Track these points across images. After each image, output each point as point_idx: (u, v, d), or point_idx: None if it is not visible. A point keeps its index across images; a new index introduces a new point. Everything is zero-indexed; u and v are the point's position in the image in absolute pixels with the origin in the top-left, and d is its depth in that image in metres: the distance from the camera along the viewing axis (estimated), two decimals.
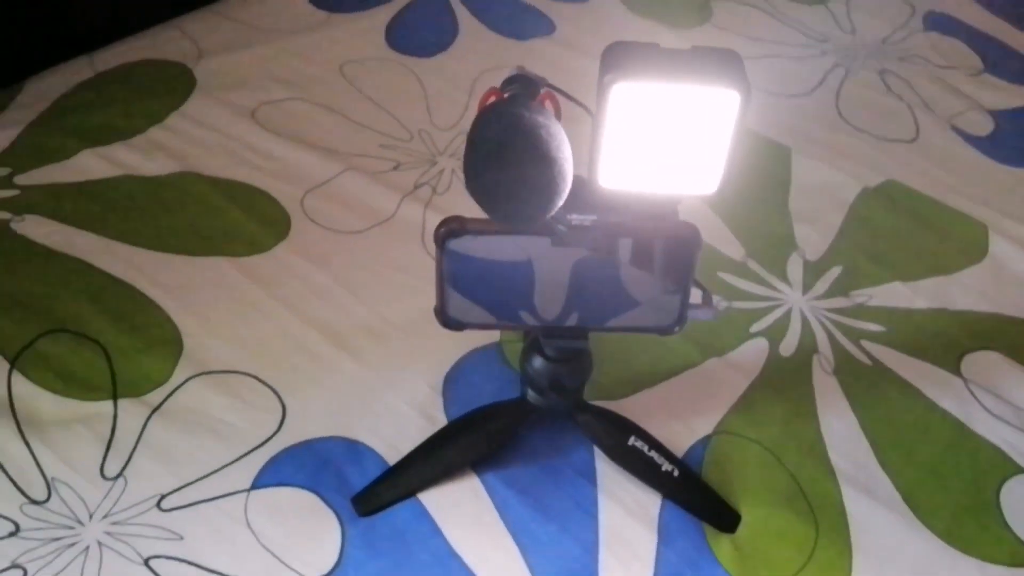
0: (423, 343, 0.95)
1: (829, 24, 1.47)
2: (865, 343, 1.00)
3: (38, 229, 1.01)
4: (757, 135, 1.24)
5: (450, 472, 0.85)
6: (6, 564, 0.76)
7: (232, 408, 0.88)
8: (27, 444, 0.83)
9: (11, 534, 0.77)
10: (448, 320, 0.76)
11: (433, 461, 0.86)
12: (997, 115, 1.32)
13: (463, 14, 1.40)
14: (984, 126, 1.30)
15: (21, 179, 1.06)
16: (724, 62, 0.62)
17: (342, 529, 0.81)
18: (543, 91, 0.63)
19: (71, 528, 0.78)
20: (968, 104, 1.33)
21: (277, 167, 1.12)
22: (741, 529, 0.84)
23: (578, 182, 0.65)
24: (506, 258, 0.73)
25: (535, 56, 1.32)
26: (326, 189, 1.10)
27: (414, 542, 0.81)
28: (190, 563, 0.77)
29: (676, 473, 0.86)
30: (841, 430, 0.92)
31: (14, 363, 0.89)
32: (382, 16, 1.37)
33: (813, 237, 1.11)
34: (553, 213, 0.60)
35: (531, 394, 0.84)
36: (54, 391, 0.87)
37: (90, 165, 1.09)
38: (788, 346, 0.99)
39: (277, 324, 0.96)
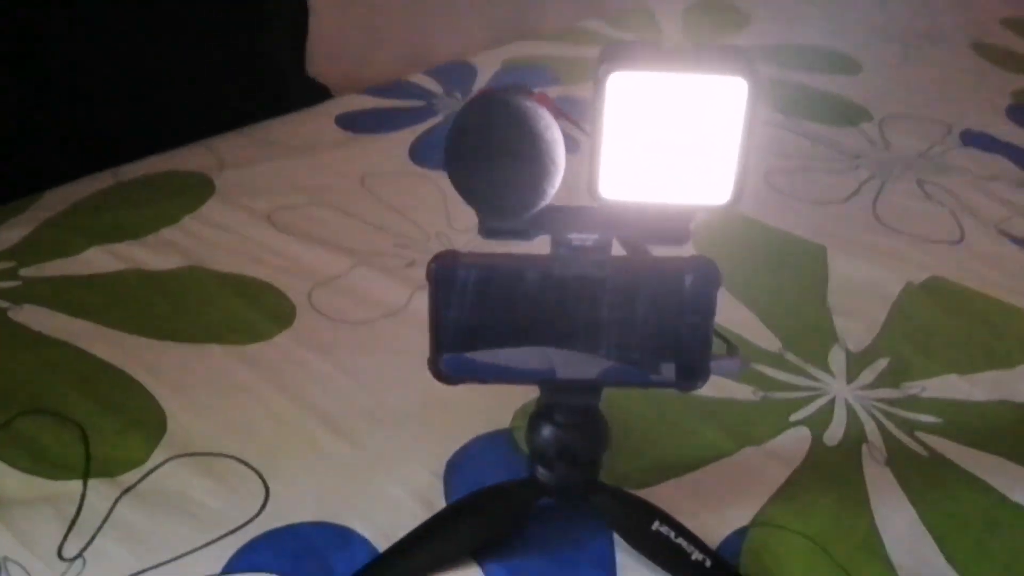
0: (427, 429, 0.87)
1: (862, 142, 1.44)
2: (920, 434, 0.89)
3: (35, 317, 0.97)
4: (788, 235, 1.19)
5: (448, 561, 0.75)
6: None
7: (210, 490, 0.80)
8: None
9: None
10: (442, 372, 0.69)
11: (429, 548, 0.76)
12: None
13: None
14: None
15: (26, 272, 1.04)
16: (729, 54, 0.58)
17: None
18: (537, 92, 0.59)
19: None
20: (1014, 210, 1.27)
21: (287, 263, 1.08)
22: None
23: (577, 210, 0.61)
24: (505, 296, 0.66)
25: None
26: (336, 283, 1.06)
27: None
28: None
29: (708, 564, 0.74)
30: (899, 523, 0.80)
31: None
32: (407, 136, 1.38)
33: (856, 330, 1.03)
34: (545, 202, 0.55)
35: (540, 471, 0.75)
36: (23, 469, 0.80)
37: (97, 260, 1.06)
38: (833, 436, 0.88)
39: (270, 409, 0.89)
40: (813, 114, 1.52)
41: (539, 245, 0.64)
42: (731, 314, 1.04)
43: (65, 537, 0.75)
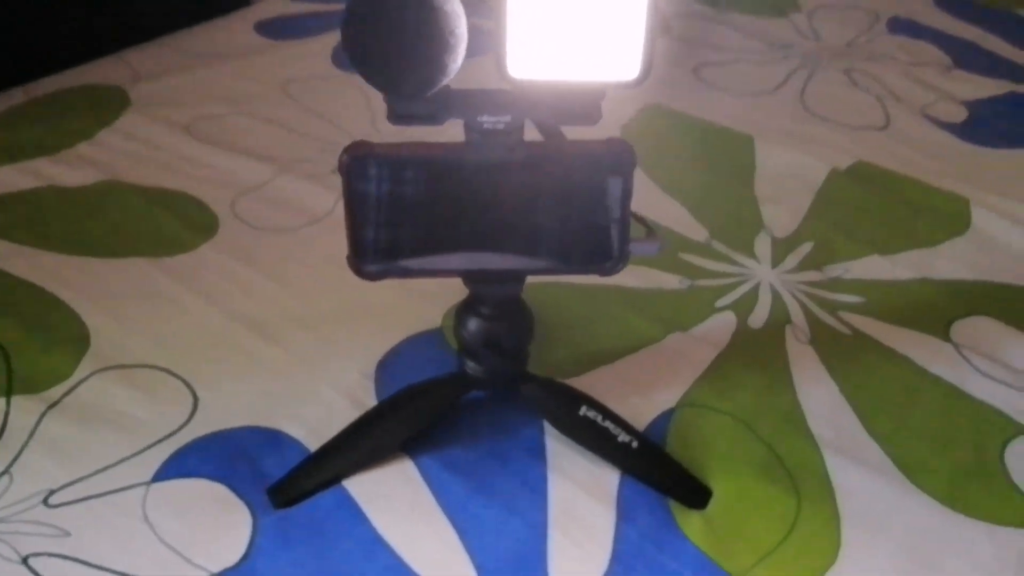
0: (357, 331, 0.86)
1: (791, 33, 1.43)
2: (843, 314, 0.91)
3: None
4: (715, 126, 1.19)
5: (379, 455, 0.75)
6: None
7: (137, 401, 0.79)
8: None
9: None
10: (362, 268, 0.68)
11: (359, 444, 0.76)
12: (971, 104, 1.27)
13: None
14: (958, 115, 1.25)
15: None
16: None
17: (253, 520, 0.71)
18: None
19: None
20: (940, 95, 1.28)
21: (209, 174, 1.06)
22: (712, 504, 0.73)
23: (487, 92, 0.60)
24: (420, 187, 0.65)
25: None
26: (260, 192, 1.04)
27: (335, 531, 0.70)
28: (75, 559, 0.67)
29: (635, 444, 0.76)
30: (821, 398, 0.82)
31: None
32: (329, 40, 1.34)
33: (781, 216, 1.04)
34: (448, 78, 0.54)
35: (469, 364, 0.76)
36: None
37: (11, 178, 1.03)
38: (758, 319, 0.90)
39: (196, 319, 0.88)
40: (743, 6, 1.50)
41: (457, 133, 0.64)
42: (660, 207, 1.05)
43: None
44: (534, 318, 0.74)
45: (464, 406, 0.79)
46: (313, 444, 0.77)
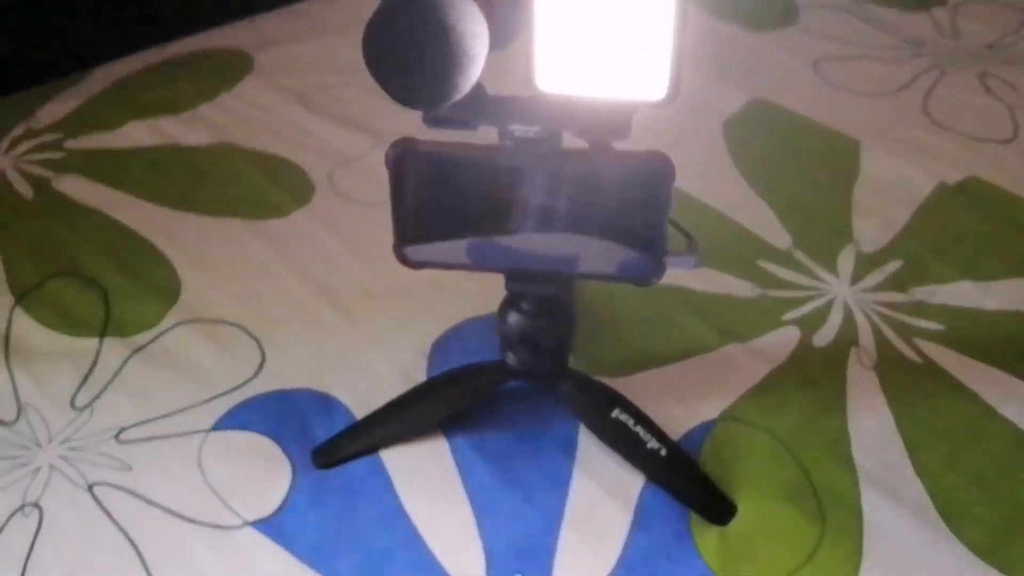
0: (421, 310, 0.90)
1: (928, 30, 1.35)
2: (919, 341, 0.87)
3: (74, 186, 1.04)
4: (823, 127, 1.14)
5: (417, 431, 0.79)
6: None
7: (212, 354, 0.86)
8: (10, 371, 0.84)
9: None
10: (406, 256, 0.71)
11: (400, 417, 0.80)
12: None
13: None
14: None
15: (70, 144, 1.10)
16: None
17: (292, 477, 0.76)
18: None
19: (28, 449, 0.77)
20: None
21: (313, 142, 1.11)
22: (734, 522, 0.73)
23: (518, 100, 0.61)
24: (462, 184, 0.68)
25: None
26: (356, 164, 1.08)
27: (364, 497, 0.75)
28: (130, 492, 0.74)
29: (663, 452, 0.76)
30: (872, 427, 0.80)
31: (20, 300, 0.91)
32: None
33: (873, 230, 0.99)
34: (459, 95, 0.55)
35: (509, 355, 0.78)
36: (48, 326, 0.88)
37: (136, 134, 1.12)
38: (823, 337, 0.88)
39: (276, 282, 0.94)
40: None
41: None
42: (746, 208, 1.03)
43: (78, 389, 0.83)
44: (575, 318, 0.76)
45: (507, 393, 0.81)
46: (360, 412, 0.81)
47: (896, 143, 1.11)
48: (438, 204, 0.69)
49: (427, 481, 0.76)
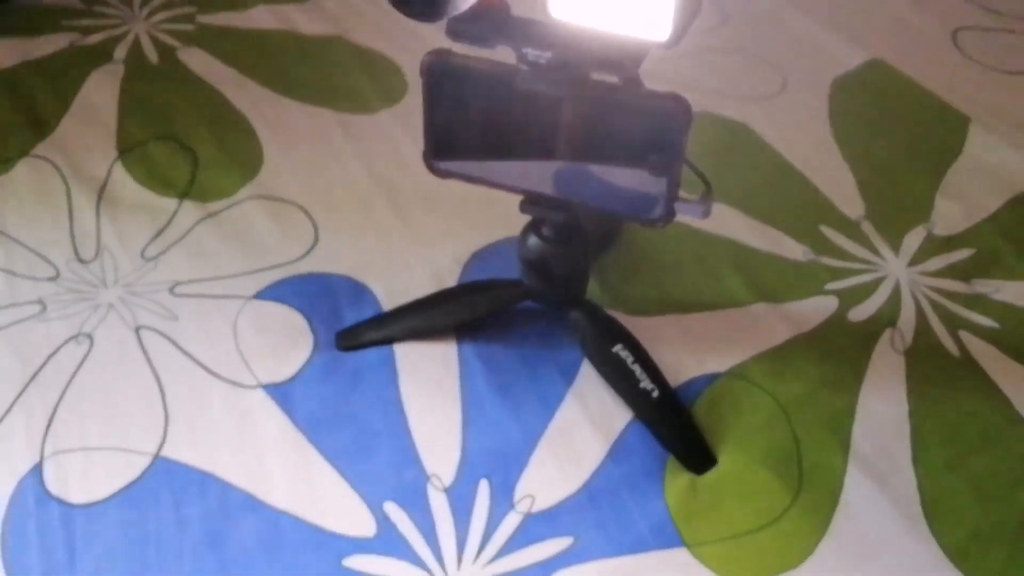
0: (468, 221, 0.93)
1: None
2: (965, 334, 0.83)
3: (195, 59, 1.13)
4: (934, 98, 1.07)
5: (432, 331, 0.83)
6: (33, 298, 0.86)
7: (271, 230, 0.93)
8: (98, 216, 0.94)
9: (51, 278, 0.88)
10: (432, 164, 0.75)
11: (419, 316, 0.85)
12: None
13: None
14: None
15: (201, 18, 1.19)
16: None
17: (311, 353, 0.82)
18: None
19: (95, 287, 0.87)
20: None
21: (418, 45, 1.15)
22: (709, 473, 0.74)
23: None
24: (484, 100, 0.70)
25: None
26: None
27: (368, 382, 0.80)
28: (170, 340, 0.83)
29: (656, 395, 0.77)
30: (882, 412, 0.78)
31: (122, 154, 1.00)
32: None
33: (955, 214, 0.94)
34: (457, 10, 0.57)
35: (527, 277, 0.80)
36: (139, 182, 0.97)
37: (261, 18, 1.19)
38: (862, 312, 0.85)
39: (347, 174, 0.99)
40: None
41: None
42: (828, 172, 0.99)
43: (150, 242, 0.91)
44: (589, 252, 0.77)
45: (523, 313, 0.84)
46: (388, 306, 0.86)
47: (1014, 126, 1.04)
48: (464, 119, 0.71)
49: (428, 379, 0.80)
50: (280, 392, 0.79)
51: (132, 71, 1.11)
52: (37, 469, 0.73)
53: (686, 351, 0.82)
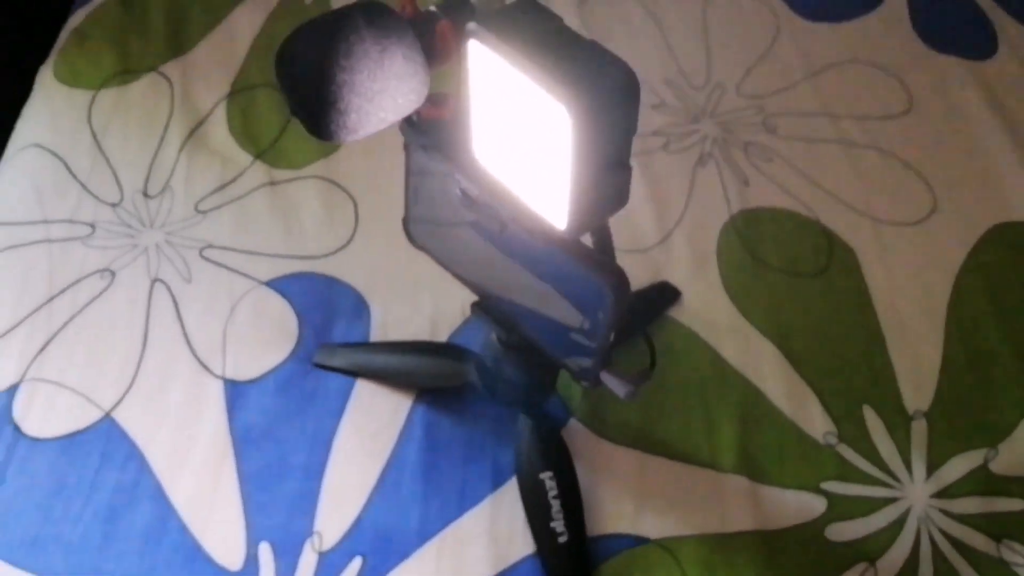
0: None
1: None
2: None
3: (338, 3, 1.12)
4: None
5: (394, 381, 0.82)
6: (89, 219, 0.92)
7: (317, 216, 0.93)
8: (178, 155, 0.97)
9: (113, 204, 0.94)
10: (409, 232, 0.71)
11: (388, 360, 0.83)
12: None
13: None
14: None
15: None
16: (597, 72, 0.46)
17: (285, 359, 0.83)
18: (442, 23, 0.53)
19: (142, 226, 0.92)
20: None
21: None
22: None
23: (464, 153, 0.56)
24: (447, 194, 0.65)
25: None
26: None
27: (316, 409, 0.81)
28: (174, 300, 0.86)
29: (563, 539, 0.72)
30: None
31: (231, 95, 1.03)
32: None
33: None
34: (344, 141, 0.52)
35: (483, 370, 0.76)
36: (230, 128, 1.00)
37: None
38: (845, 531, 0.73)
39: None
40: None
41: None
42: (917, 342, 0.85)
43: (210, 193, 0.95)
44: (546, 372, 0.72)
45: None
46: (378, 334, 0.85)
47: None
48: (438, 207, 0.67)
49: (368, 428, 0.80)
50: (236, 391, 0.82)
51: (282, 6, 1.13)
52: (13, 389, 0.81)
53: (630, 497, 0.75)
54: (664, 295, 0.88)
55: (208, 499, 0.76)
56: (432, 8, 0.54)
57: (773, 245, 0.92)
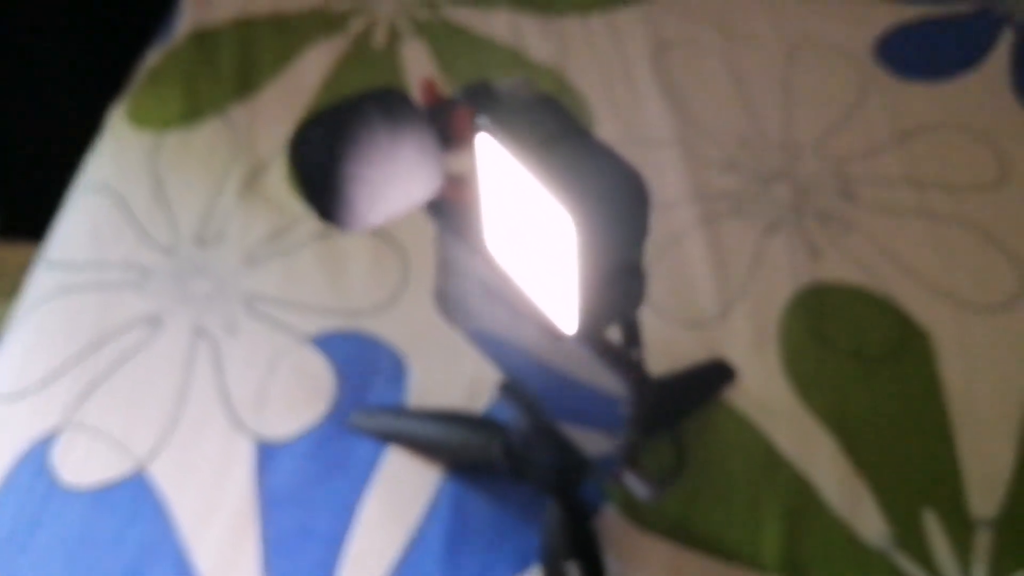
0: None
1: None
2: None
3: (412, 52, 1.12)
4: None
5: (429, 451, 0.79)
6: (142, 264, 0.93)
7: (366, 272, 0.92)
8: (239, 199, 0.98)
9: (166, 250, 0.94)
10: (442, 306, 0.69)
11: (419, 430, 0.81)
12: None
13: None
14: None
15: (444, 9, 1.16)
16: (606, 179, 0.42)
17: (318, 421, 0.82)
18: (460, 110, 0.50)
19: (195, 274, 0.93)
20: None
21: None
22: None
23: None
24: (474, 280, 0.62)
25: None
26: None
27: (344, 475, 0.79)
28: (215, 353, 0.86)
29: None
30: None
31: None
32: None
33: None
34: (356, 227, 0.50)
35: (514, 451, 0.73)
36: (291, 184, 1.00)
37: (497, 24, 1.15)
38: None
39: None
40: None
41: None
42: (990, 440, 0.78)
43: (264, 243, 0.94)
44: (572, 456, 0.68)
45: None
46: (415, 398, 0.83)
47: None
48: (457, 275, 0.64)
49: (393, 503, 0.77)
50: (267, 452, 0.81)
51: (354, 50, 1.12)
52: (54, 436, 0.82)
53: None
54: (719, 374, 0.84)
55: (229, 562, 0.75)
56: (454, 96, 0.52)
57: (841, 324, 0.86)
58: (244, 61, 1.12)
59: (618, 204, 0.43)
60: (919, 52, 1.07)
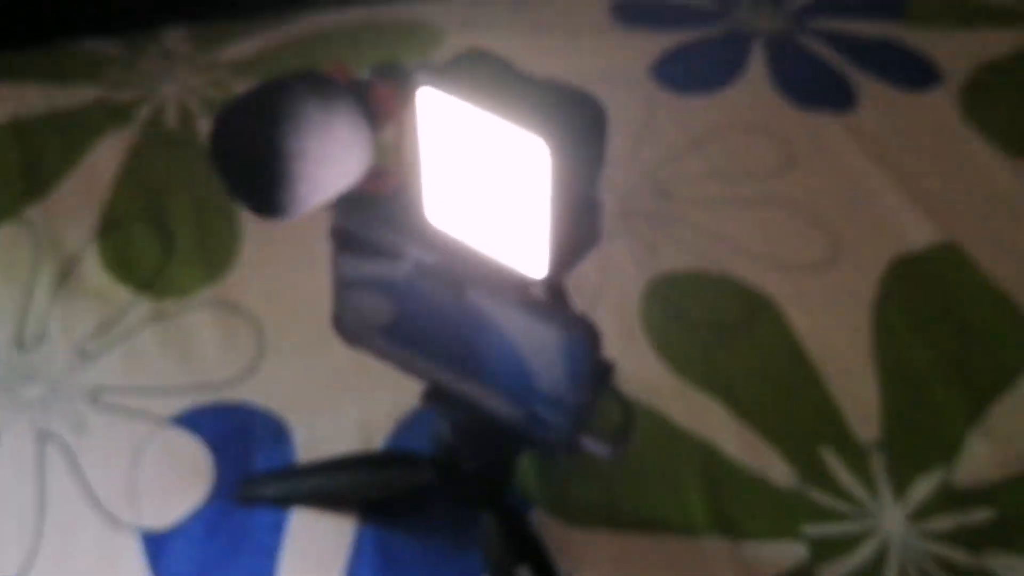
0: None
1: None
2: None
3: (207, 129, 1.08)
4: (1007, 303, 0.90)
5: (335, 502, 0.75)
6: None
7: (216, 344, 0.86)
8: (54, 299, 0.89)
9: None
10: (343, 331, 0.66)
11: (324, 481, 0.76)
12: None
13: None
14: None
15: (237, 84, 1.14)
16: (568, 105, 0.44)
17: (204, 500, 0.75)
18: (377, 88, 0.50)
19: (22, 380, 0.83)
20: None
21: None
22: None
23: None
24: (386, 277, 0.61)
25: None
26: None
27: (249, 550, 0.72)
28: (70, 454, 0.77)
29: None
30: None
31: (102, 232, 0.96)
32: None
33: (985, 461, 0.77)
34: (297, 211, 0.48)
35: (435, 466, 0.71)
36: (107, 266, 0.92)
37: None
38: (832, 573, 0.71)
39: (319, 289, 0.92)
40: None
41: None
42: (853, 379, 0.85)
43: (94, 336, 0.86)
44: (509, 457, 0.67)
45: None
46: (304, 455, 0.78)
47: None
48: (376, 296, 0.62)
49: (311, 562, 0.72)
50: (154, 543, 0.72)
51: (146, 136, 1.07)
52: None
53: None
54: (599, 370, 0.85)
55: None
56: (365, 76, 0.51)
57: (693, 304, 0.91)
58: (28, 162, 1.03)
59: (584, 127, 0.44)
60: (689, 71, 1.19)
